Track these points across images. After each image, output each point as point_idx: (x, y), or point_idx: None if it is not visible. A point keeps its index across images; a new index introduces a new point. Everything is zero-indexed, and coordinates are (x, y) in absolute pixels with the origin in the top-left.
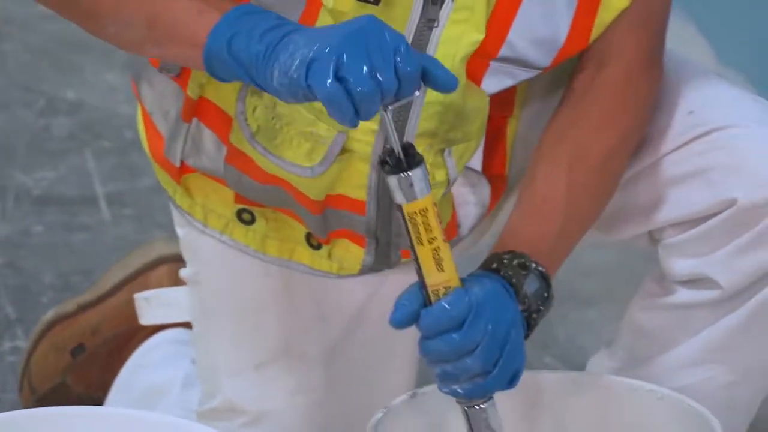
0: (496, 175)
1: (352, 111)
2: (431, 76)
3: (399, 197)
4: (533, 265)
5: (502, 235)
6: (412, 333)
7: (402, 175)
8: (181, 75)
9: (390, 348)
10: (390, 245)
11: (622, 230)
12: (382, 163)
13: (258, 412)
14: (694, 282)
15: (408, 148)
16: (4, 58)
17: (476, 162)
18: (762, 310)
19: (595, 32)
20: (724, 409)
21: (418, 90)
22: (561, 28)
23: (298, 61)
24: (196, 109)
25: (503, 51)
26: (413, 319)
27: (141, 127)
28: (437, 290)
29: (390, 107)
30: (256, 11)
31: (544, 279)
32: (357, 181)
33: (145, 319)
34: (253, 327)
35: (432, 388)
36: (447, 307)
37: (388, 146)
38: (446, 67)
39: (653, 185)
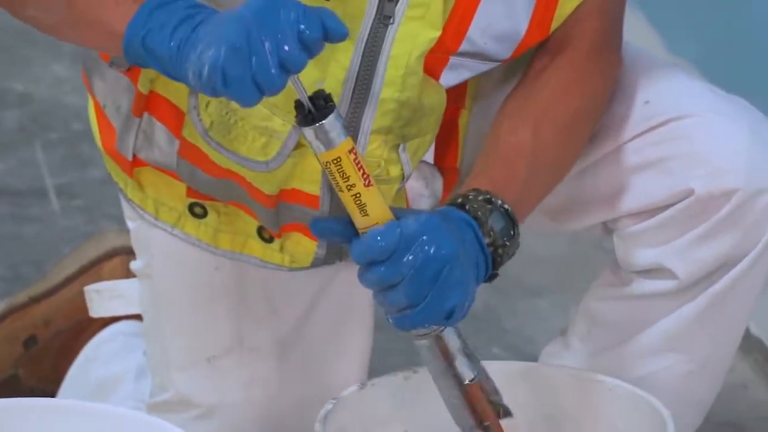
0: (448, 167)
1: (259, 98)
2: (329, 32)
3: (316, 147)
4: (499, 201)
5: (468, 178)
6: (363, 326)
7: (317, 125)
8: (131, 69)
9: (342, 341)
10: None
11: (580, 220)
12: (295, 116)
13: (210, 405)
14: (651, 272)
15: (316, 100)
16: None
17: (428, 155)
18: (719, 301)
19: (555, 24)
20: (682, 399)
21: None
22: (521, 21)
23: (207, 67)
24: (147, 104)
25: (463, 46)
26: (335, 231)
27: (93, 120)
28: (365, 232)
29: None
30: (168, 2)
31: (510, 218)
32: (311, 176)
33: (96, 311)
34: (205, 320)
35: (381, 380)
36: (378, 238)
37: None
38: (401, 64)
39: (610, 175)
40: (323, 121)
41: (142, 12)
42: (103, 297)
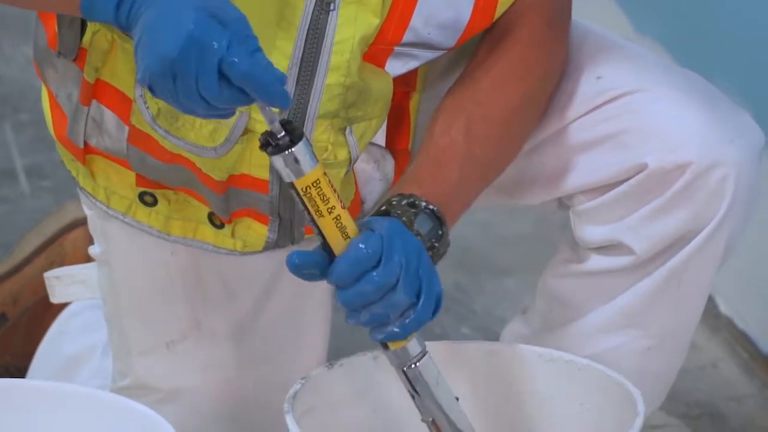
0: (400, 149)
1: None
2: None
3: (288, 176)
4: (423, 203)
5: (397, 184)
6: (322, 309)
7: (286, 153)
8: (77, 59)
9: (300, 324)
10: (293, 222)
11: (529, 196)
12: (265, 145)
13: (170, 390)
14: (608, 248)
15: (286, 125)
16: None
17: (380, 137)
18: (676, 275)
19: (500, 10)
20: (641, 375)
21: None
22: (463, 9)
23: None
24: (95, 92)
25: (406, 37)
26: (314, 264)
27: (46, 108)
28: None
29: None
30: None
31: (437, 218)
32: (259, 160)
33: (57, 297)
34: (163, 305)
35: (350, 360)
36: (362, 245)
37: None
38: (346, 49)
39: (562, 151)
40: (294, 148)
41: None
42: (63, 283)
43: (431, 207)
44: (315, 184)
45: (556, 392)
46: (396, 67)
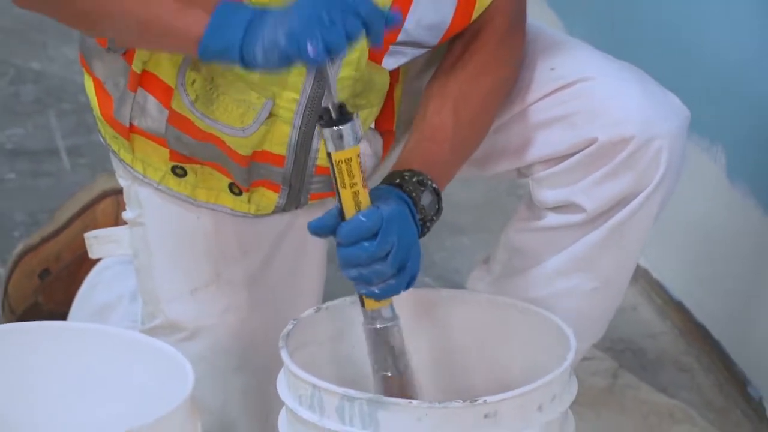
0: (386, 130)
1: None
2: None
3: (330, 147)
4: (429, 182)
5: (402, 156)
6: (318, 264)
7: (334, 128)
8: (126, 53)
9: (300, 276)
10: (301, 190)
11: (496, 167)
12: (320, 117)
13: (194, 329)
14: (561, 207)
15: (341, 107)
16: None
17: None
18: (618, 228)
19: (476, 13)
20: (587, 312)
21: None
22: (447, 13)
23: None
24: (141, 80)
25: (401, 37)
26: (327, 226)
27: (91, 93)
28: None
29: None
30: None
31: (437, 194)
32: (280, 139)
33: (94, 253)
34: (189, 259)
35: (332, 304)
36: (363, 219)
37: (324, 105)
38: (358, 47)
39: (523, 129)
40: (342, 126)
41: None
42: (100, 242)
43: (434, 186)
44: (347, 161)
45: (498, 333)
46: (390, 63)
